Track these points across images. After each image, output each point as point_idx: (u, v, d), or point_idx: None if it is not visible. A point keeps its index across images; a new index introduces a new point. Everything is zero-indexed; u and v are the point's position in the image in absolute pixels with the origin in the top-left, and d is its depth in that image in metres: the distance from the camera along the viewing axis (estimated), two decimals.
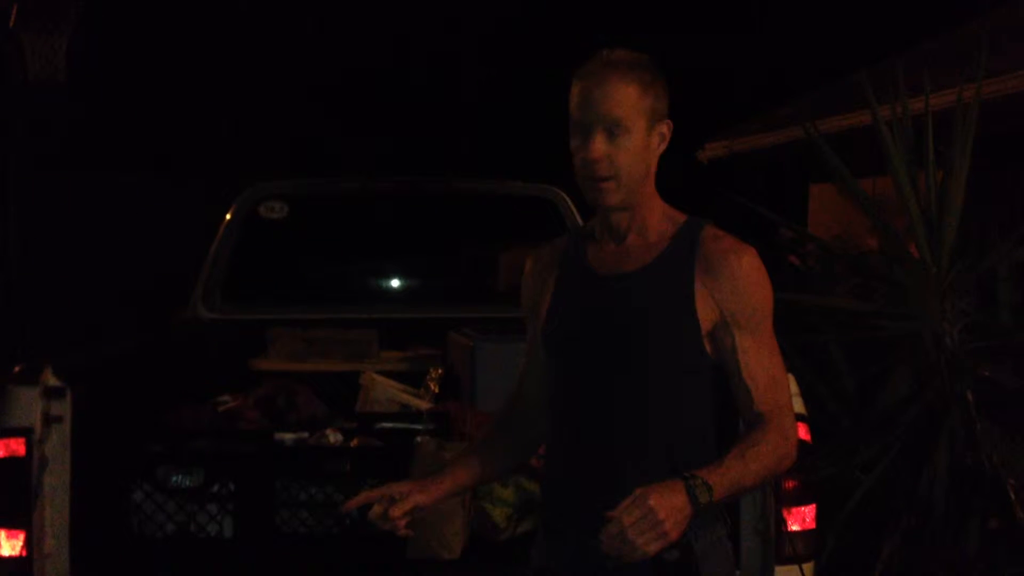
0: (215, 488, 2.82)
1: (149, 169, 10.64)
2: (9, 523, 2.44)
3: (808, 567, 2.62)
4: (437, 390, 3.67)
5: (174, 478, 2.82)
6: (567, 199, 4.58)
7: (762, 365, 1.71)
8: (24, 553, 2.43)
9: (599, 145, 1.68)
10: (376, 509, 1.73)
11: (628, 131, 1.68)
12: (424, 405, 3.51)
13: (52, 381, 2.51)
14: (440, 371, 3.77)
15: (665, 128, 1.74)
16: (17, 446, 2.45)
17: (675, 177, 1.81)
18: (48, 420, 2.49)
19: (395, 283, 4.93)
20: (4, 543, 2.43)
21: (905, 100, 3.56)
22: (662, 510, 1.50)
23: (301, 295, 4.53)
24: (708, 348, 1.71)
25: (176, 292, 4.47)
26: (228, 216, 4.41)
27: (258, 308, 4.38)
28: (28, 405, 2.47)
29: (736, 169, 9.97)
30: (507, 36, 12.86)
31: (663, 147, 1.75)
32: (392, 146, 11.90)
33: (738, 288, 1.70)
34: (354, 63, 12.78)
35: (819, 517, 2.64)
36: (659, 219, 1.76)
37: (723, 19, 13.02)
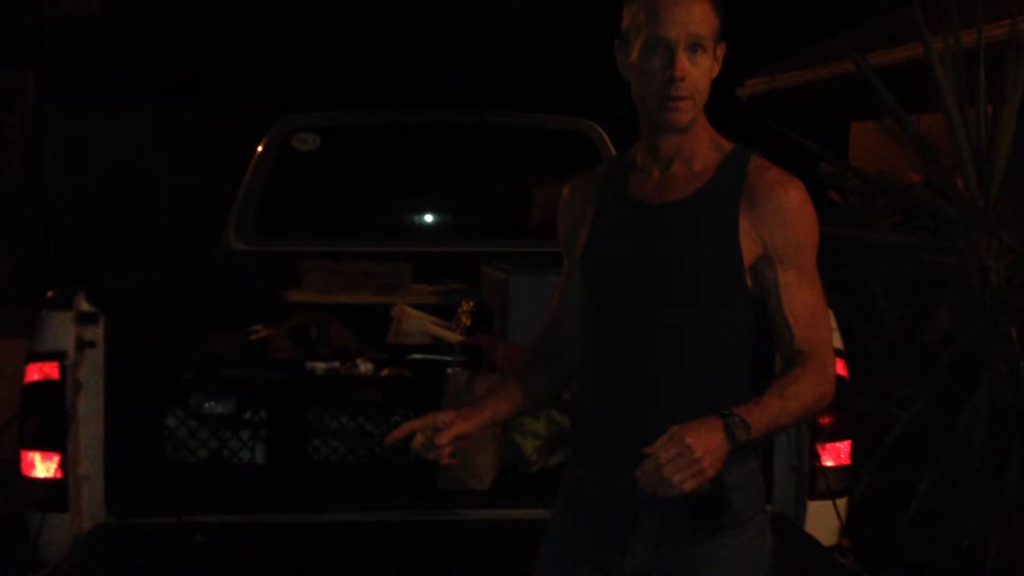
0: (247, 415, 2.83)
1: (182, 102, 10.63)
2: (44, 445, 2.46)
3: (841, 503, 2.59)
4: (469, 323, 3.65)
5: (207, 404, 2.83)
6: (602, 132, 4.50)
7: (804, 301, 1.67)
8: (60, 475, 2.46)
9: (684, 64, 1.63)
10: (419, 438, 1.72)
11: (706, 50, 1.65)
12: (455, 337, 3.50)
13: (85, 306, 2.51)
14: (472, 304, 3.75)
15: (721, 50, 1.69)
16: (51, 369, 2.46)
17: (713, 113, 1.76)
18: (81, 345, 2.50)
19: (428, 216, 4.89)
20: (39, 465, 2.46)
21: (958, 32, 3.44)
22: (699, 448, 1.48)
23: (334, 227, 4.51)
24: (750, 282, 1.67)
25: (211, 225, 4.47)
26: (260, 148, 4.38)
27: (291, 240, 4.37)
28: (61, 329, 2.48)
29: (776, 106, 9.77)
30: None
31: (717, 69, 1.70)
32: (425, 79, 11.79)
33: (783, 222, 1.66)
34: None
35: (854, 453, 2.60)
36: (706, 146, 1.72)
37: None
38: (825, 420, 2.53)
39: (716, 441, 1.51)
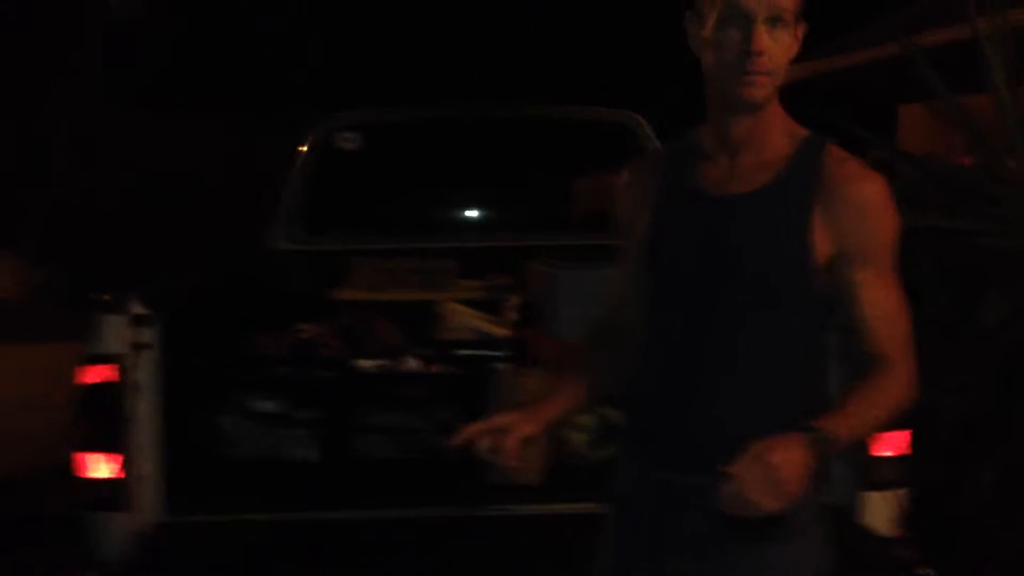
0: (299, 414, 2.86)
1: (229, 104, 10.74)
2: (107, 447, 2.51)
3: (900, 494, 2.55)
4: (515, 318, 3.65)
5: (259, 404, 2.86)
6: (644, 124, 4.47)
7: (884, 301, 1.59)
8: (123, 475, 2.50)
9: (763, 37, 1.55)
10: (485, 442, 1.67)
11: (787, 25, 1.57)
12: (502, 333, 3.50)
13: (139, 309, 2.55)
14: (518, 299, 3.75)
15: (801, 30, 1.61)
16: (109, 372, 2.50)
17: None
18: (137, 347, 2.54)
19: (471, 212, 4.90)
20: (103, 466, 2.51)
21: (1006, 11, 3.37)
22: (785, 467, 1.40)
23: (378, 225, 4.54)
24: (824, 279, 1.60)
25: (259, 224, 4.52)
26: (304, 148, 4.42)
27: (336, 238, 4.40)
28: (117, 332, 2.52)
29: (819, 92, 9.64)
30: None
31: (797, 49, 1.61)
32: (466, 73, 11.79)
33: (861, 219, 1.58)
34: None
35: (913, 443, 2.56)
36: (779, 132, 1.63)
37: None
38: None
39: (801, 459, 1.42)
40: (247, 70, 11.61)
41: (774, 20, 1.56)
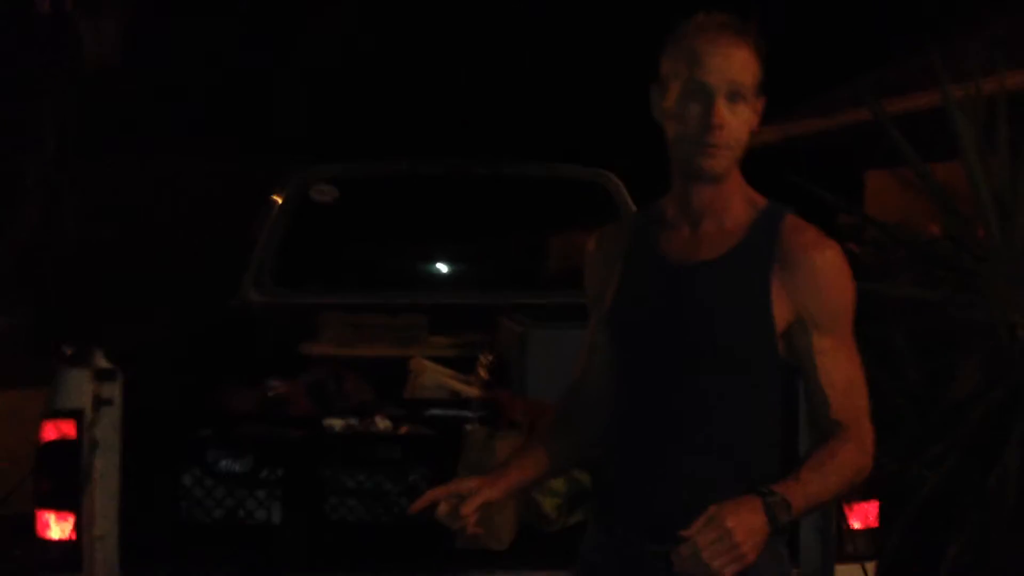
0: (264, 474, 2.80)
1: (200, 151, 10.73)
2: (59, 505, 2.44)
3: (870, 566, 2.53)
4: (487, 376, 3.61)
5: (223, 463, 2.80)
6: (618, 182, 4.49)
7: (841, 369, 1.60)
8: (74, 536, 2.42)
9: (723, 111, 1.58)
10: (443, 507, 1.66)
11: (746, 100, 1.60)
12: (474, 392, 3.46)
13: (103, 363, 2.50)
14: (490, 357, 3.72)
15: (761, 104, 1.64)
16: (68, 428, 2.44)
17: None
18: (99, 402, 2.48)
19: (444, 268, 4.88)
20: (54, 526, 2.43)
21: (978, 80, 3.43)
22: (739, 531, 1.41)
23: (351, 279, 4.51)
24: (782, 347, 1.62)
25: (227, 274, 4.47)
26: (279, 199, 4.39)
27: (308, 292, 4.36)
28: (79, 387, 2.46)
29: (789, 154, 9.78)
30: (556, 19, 12.74)
31: (756, 123, 1.64)
32: (441, 128, 11.88)
33: (819, 286, 1.59)
34: (401, 46, 12.76)
35: (882, 515, 2.55)
36: (740, 201, 1.66)
37: None
38: None
39: (757, 523, 1.44)
40: (224, 114, 11.63)
41: (734, 95, 1.59)
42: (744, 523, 1.43)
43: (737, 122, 1.60)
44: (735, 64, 1.59)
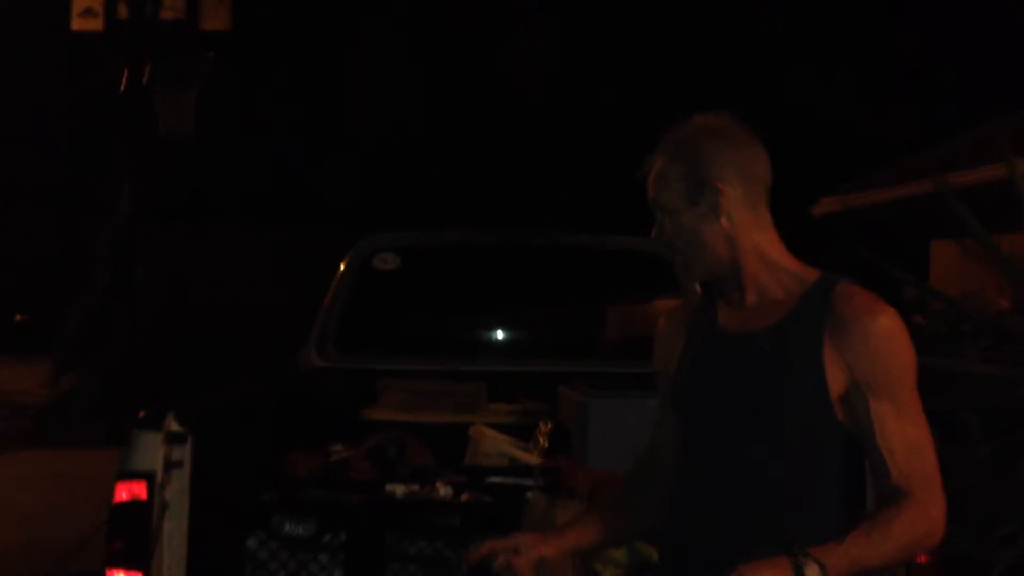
0: (327, 538, 2.83)
1: (270, 221, 11.02)
2: (129, 565, 2.48)
3: None
4: (547, 444, 3.61)
5: (287, 526, 2.83)
6: None
7: (900, 434, 1.60)
8: None
9: (659, 228, 1.73)
10: (501, 560, 1.72)
11: (676, 211, 1.70)
12: (534, 460, 3.46)
13: (174, 427, 2.56)
14: (550, 425, 3.72)
15: (713, 192, 1.67)
16: (139, 490, 2.50)
17: (787, 233, 1.76)
18: (169, 465, 2.54)
19: (503, 335, 4.91)
20: None
21: None
22: None
23: (411, 346, 4.56)
24: (841, 415, 1.62)
25: (293, 340, 4.56)
26: (342, 267, 4.49)
27: (369, 358, 4.42)
28: (151, 450, 2.52)
29: (852, 225, 9.71)
30: (622, 89, 12.92)
31: (728, 206, 1.67)
32: (503, 198, 12.04)
33: (871, 352, 1.60)
34: (465, 117, 13.03)
35: None
36: (780, 277, 1.69)
37: (840, 71, 12.80)
38: (922, 559, 2.42)
39: None
40: (295, 188, 11.94)
41: (665, 211, 1.71)
42: None
43: (676, 233, 1.71)
44: (653, 184, 1.72)
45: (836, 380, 1.61)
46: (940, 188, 3.62)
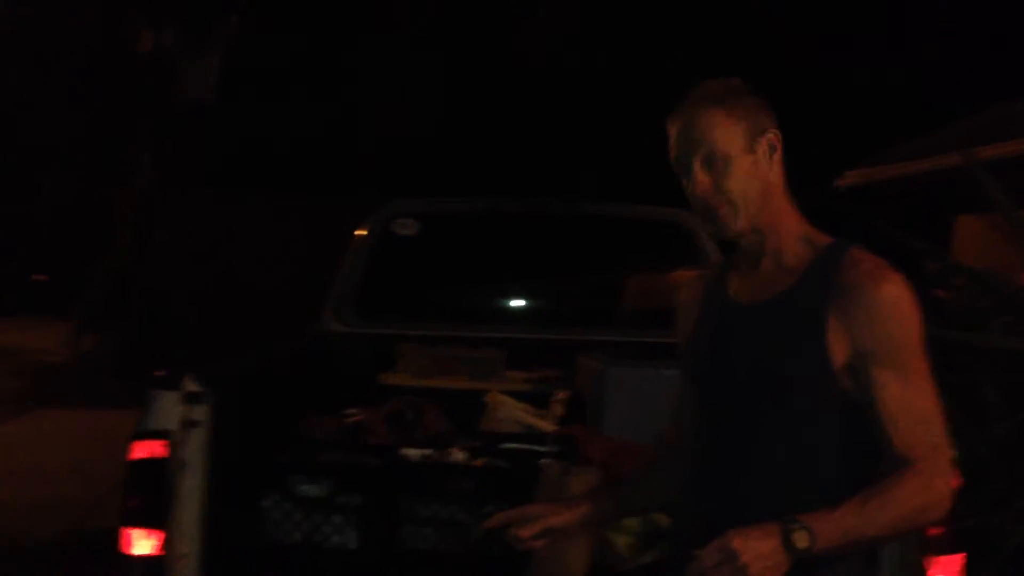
0: (341, 499, 2.84)
1: (289, 187, 11.03)
2: (146, 523, 2.51)
3: None
4: (563, 413, 3.62)
5: (302, 487, 2.85)
6: (701, 223, 4.47)
7: (904, 402, 1.56)
8: (159, 553, 2.49)
9: (700, 176, 1.65)
10: (511, 530, 1.74)
11: (726, 158, 1.63)
12: (549, 427, 3.47)
13: (192, 387, 2.58)
14: (566, 393, 3.73)
15: (770, 138, 1.66)
16: (157, 448, 2.52)
17: (810, 206, 1.74)
18: (187, 424, 2.56)
19: (523, 303, 4.91)
20: (140, 543, 2.50)
21: None
22: (746, 553, 1.43)
23: (430, 312, 4.56)
24: (847, 384, 1.60)
25: (311, 305, 4.58)
26: (362, 232, 4.49)
27: (388, 323, 4.43)
28: (169, 409, 2.54)
29: (876, 198, 9.62)
30: (643, 62, 12.81)
31: (777, 157, 1.67)
32: (526, 167, 12.00)
33: (875, 318, 1.57)
34: (489, 87, 12.96)
35: (968, 568, 2.47)
36: (795, 242, 1.68)
37: (866, 44, 12.63)
38: (935, 532, 2.41)
39: (766, 548, 1.44)
40: (315, 154, 11.93)
41: (707, 161, 1.64)
42: (752, 546, 1.44)
43: (724, 177, 1.63)
44: (698, 130, 1.65)
45: (839, 348, 1.58)
46: (969, 161, 3.56)
